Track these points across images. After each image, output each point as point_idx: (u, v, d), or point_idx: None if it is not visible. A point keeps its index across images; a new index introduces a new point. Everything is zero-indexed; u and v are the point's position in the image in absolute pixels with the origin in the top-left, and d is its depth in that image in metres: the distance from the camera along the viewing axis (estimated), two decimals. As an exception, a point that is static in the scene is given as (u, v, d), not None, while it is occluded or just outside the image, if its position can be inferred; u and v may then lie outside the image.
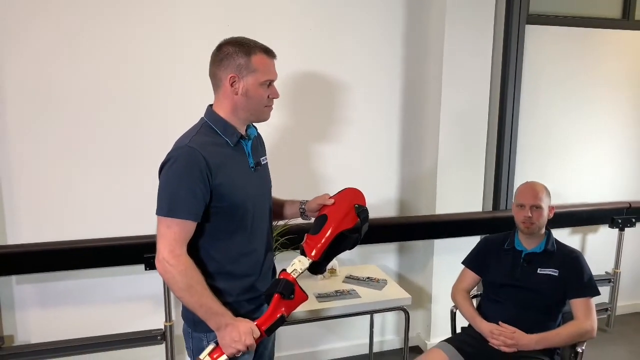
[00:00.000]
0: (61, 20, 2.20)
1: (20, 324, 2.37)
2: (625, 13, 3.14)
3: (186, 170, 1.34)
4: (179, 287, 1.34)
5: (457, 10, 2.58)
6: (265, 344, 1.65)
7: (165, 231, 1.34)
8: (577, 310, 1.93)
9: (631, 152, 3.31)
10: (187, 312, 1.47)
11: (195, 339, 1.48)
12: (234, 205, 1.42)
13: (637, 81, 3.23)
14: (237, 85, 1.41)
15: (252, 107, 1.44)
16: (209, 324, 1.38)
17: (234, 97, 1.42)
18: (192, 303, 1.36)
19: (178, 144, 1.42)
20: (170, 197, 1.35)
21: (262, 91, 1.43)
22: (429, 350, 1.98)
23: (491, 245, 2.16)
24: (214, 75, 1.45)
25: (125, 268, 2.44)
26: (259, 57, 1.41)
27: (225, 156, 1.42)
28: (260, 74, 1.41)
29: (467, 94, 2.71)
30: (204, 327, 1.41)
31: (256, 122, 1.53)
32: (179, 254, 1.33)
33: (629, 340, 3.15)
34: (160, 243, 1.35)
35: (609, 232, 3.26)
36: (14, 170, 2.25)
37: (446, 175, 2.75)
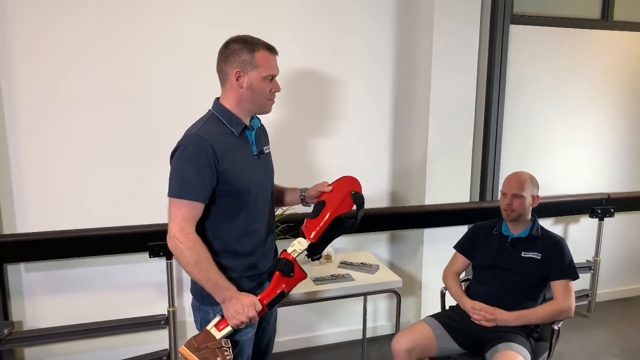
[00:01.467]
0: (71, 19, 2.30)
1: (28, 310, 2.46)
2: (605, 14, 3.30)
3: (195, 157, 1.46)
4: (188, 262, 1.47)
5: (445, 10, 2.71)
6: (267, 319, 1.78)
7: (176, 211, 1.47)
8: (557, 291, 2.07)
9: (610, 146, 3.47)
10: (195, 287, 1.60)
11: (202, 312, 1.61)
12: (237, 190, 1.55)
13: (616, 79, 3.39)
14: (242, 80, 1.53)
15: (256, 100, 1.57)
16: (215, 297, 1.50)
17: (239, 91, 1.55)
18: (199, 277, 1.48)
19: (188, 133, 1.54)
20: (181, 181, 1.47)
21: (265, 85, 1.56)
22: (415, 323, 2.12)
23: (480, 231, 2.30)
24: (220, 70, 1.57)
25: (130, 256, 2.54)
26: (262, 54, 1.54)
27: (230, 144, 1.54)
28: (263, 69, 1.53)
29: (454, 90, 2.83)
30: (210, 300, 1.54)
31: (259, 114, 1.66)
32: (188, 232, 1.46)
33: (609, 324, 3.31)
34: (171, 222, 1.47)
35: (589, 221, 3.43)
36: (23, 163, 2.35)
37: (435, 168, 2.88)
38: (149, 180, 2.51)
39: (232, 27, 2.49)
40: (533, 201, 2.18)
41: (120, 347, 2.61)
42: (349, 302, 2.98)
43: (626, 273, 3.72)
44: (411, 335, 2.00)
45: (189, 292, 2.64)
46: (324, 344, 3.01)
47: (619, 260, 3.68)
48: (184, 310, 2.72)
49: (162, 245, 2.42)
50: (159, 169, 2.50)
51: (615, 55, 3.36)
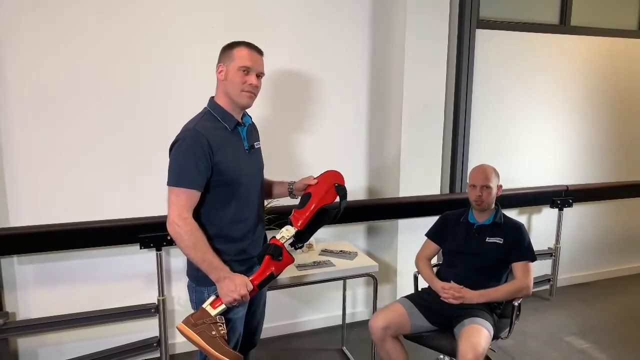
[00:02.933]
0: (65, 16, 2.40)
1: (21, 302, 2.55)
2: (562, 19, 3.57)
3: (192, 149, 1.61)
4: (186, 244, 1.61)
5: (416, 15, 2.91)
6: (257, 303, 1.93)
7: (174, 199, 1.61)
8: (517, 271, 2.29)
9: (568, 142, 3.75)
10: (191, 269, 1.74)
11: (197, 292, 1.75)
12: (229, 180, 1.70)
13: (573, 80, 3.67)
14: (223, 73, 1.71)
15: (231, 90, 1.70)
16: (211, 276, 1.64)
17: (222, 83, 1.72)
18: (196, 258, 1.63)
19: (186, 127, 1.70)
20: (179, 171, 1.62)
21: (239, 76, 1.69)
22: (391, 303, 2.31)
23: (449, 220, 2.50)
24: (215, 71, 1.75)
25: (121, 248, 2.65)
26: (240, 49, 1.70)
27: (224, 139, 1.70)
28: (237, 60, 1.69)
29: (425, 90, 3.04)
30: (205, 282, 1.69)
31: (239, 107, 1.74)
32: (186, 217, 1.60)
33: (568, 306, 3.59)
34: (170, 209, 1.61)
35: (551, 212, 3.70)
36: (16, 159, 2.43)
37: (408, 162, 3.08)
38: (140, 176, 2.63)
39: (216, 30, 2.66)
40: (497, 190, 2.38)
41: (111, 336, 2.71)
42: (329, 290, 3.16)
43: (585, 260, 4.01)
44: (386, 314, 2.19)
45: (177, 282, 2.81)
46: (306, 330, 3.18)
47: (578, 248, 3.97)
48: (172, 300, 2.84)
49: (152, 237, 2.56)
50: (149, 165, 2.65)
51: (573, 58, 3.63)
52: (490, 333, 2.07)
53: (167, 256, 2.78)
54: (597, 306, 3.58)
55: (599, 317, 3.41)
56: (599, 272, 4.08)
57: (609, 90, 3.80)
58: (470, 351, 1.93)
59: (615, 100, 3.84)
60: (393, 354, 2.16)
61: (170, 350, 2.85)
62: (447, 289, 2.23)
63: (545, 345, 3.01)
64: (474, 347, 1.94)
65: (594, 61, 3.71)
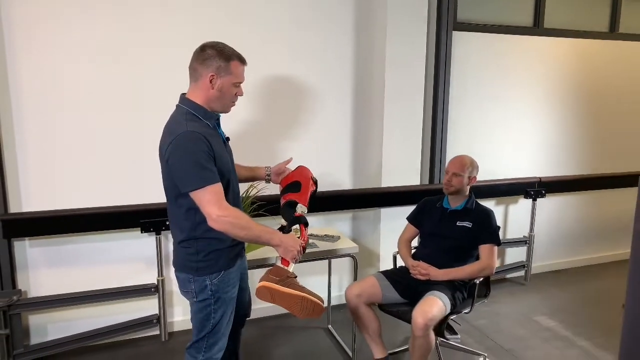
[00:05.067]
0: (72, 22, 2.63)
1: (32, 281, 2.78)
2: (536, 22, 3.81)
3: (197, 148, 1.66)
4: (239, 229, 1.69)
5: (396, 18, 3.13)
6: (245, 278, 2.12)
7: (208, 197, 1.65)
8: (482, 252, 2.52)
9: (542, 137, 4.00)
10: (188, 262, 1.80)
11: (197, 282, 1.80)
12: (222, 172, 1.75)
13: (546, 79, 3.91)
14: (215, 83, 1.75)
15: (223, 101, 1.80)
16: (273, 242, 1.79)
17: (210, 92, 1.76)
18: (252, 236, 1.75)
19: (176, 131, 1.69)
20: (196, 172, 1.65)
21: (233, 90, 1.80)
22: (366, 277, 2.56)
23: (427, 204, 2.74)
24: (195, 69, 1.77)
25: (123, 233, 2.88)
26: (235, 63, 1.78)
27: (211, 136, 1.74)
28: (234, 76, 1.77)
29: (405, 89, 3.26)
30: (206, 271, 1.79)
31: (221, 112, 1.86)
32: (226, 207, 1.67)
33: (541, 290, 3.84)
34: (207, 208, 1.65)
35: (526, 202, 3.94)
36: (28, 149, 2.66)
37: (390, 155, 3.31)
38: (141, 164, 2.86)
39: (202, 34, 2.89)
40: (470, 181, 2.61)
41: (115, 314, 2.95)
42: (315, 274, 3.39)
43: (559, 248, 4.26)
44: (361, 284, 2.46)
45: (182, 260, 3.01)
46: (295, 311, 3.42)
47: (552, 237, 4.21)
48: (171, 282, 3.08)
49: (152, 222, 2.80)
50: (149, 154, 2.87)
51: (546, 58, 3.88)
52: (445, 304, 2.31)
53: (166, 240, 3.02)
54: (568, 290, 3.83)
55: (568, 300, 3.66)
56: (572, 260, 4.33)
57: (581, 89, 4.05)
58: (420, 316, 2.18)
59: (586, 98, 4.08)
60: (365, 320, 2.42)
61: (169, 328, 3.09)
62: (415, 266, 2.47)
63: (516, 324, 3.26)
64: (424, 312, 2.19)
65: (566, 61, 3.95)
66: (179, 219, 1.80)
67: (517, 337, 3.09)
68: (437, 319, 2.25)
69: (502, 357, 2.85)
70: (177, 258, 1.87)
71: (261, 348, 2.94)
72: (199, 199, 1.67)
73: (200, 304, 1.83)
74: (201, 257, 1.79)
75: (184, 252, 1.82)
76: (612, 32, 4.08)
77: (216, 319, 1.84)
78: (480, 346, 2.95)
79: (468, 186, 2.62)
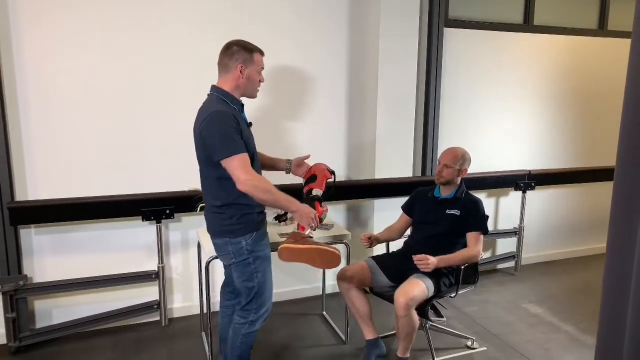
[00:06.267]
0: (73, 20, 2.74)
1: (37, 267, 2.88)
2: (526, 19, 3.92)
3: (226, 123, 1.94)
4: (262, 192, 1.95)
5: (389, 14, 3.24)
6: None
7: (236, 164, 1.92)
8: (469, 240, 2.61)
9: (531, 130, 4.11)
10: (223, 226, 2.05)
11: (234, 244, 2.06)
12: (247, 149, 2.00)
13: (536, 75, 4.02)
14: (244, 72, 2.07)
15: (250, 87, 2.12)
16: (291, 208, 2.05)
17: (240, 80, 2.08)
18: (273, 200, 1.98)
19: (209, 109, 1.98)
20: (228, 143, 1.92)
21: (257, 76, 2.12)
22: (357, 262, 2.67)
23: (420, 194, 2.84)
24: (225, 64, 2.07)
25: (125, 222, 2.99)
26: (257, 54, 2.11)
27: (238, 117, 2.03)
28: (257, 65, 2.11)
29: (398, 84, 3.37)
30: (241, 232, 2.05)
31: (250, 97, 2.17)
32: (252, 172, 1.95)
33: (530, 280, 3.95)
34: (236, 172, 1.92)
35: (517, 195, 4.05)
36: (34, 140, 2.77)
37: (383, 148, 3.42)
38: (142, 155, 2.97)
39: (214, 31, 2.99)
40: (460, 173, 2.69)
41: (116, 300, 3.06)
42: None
43: (549, 240, 4.38)
44: (352, 267, 2.58)
45: (175, 253, 3.15)
46: (292, 298, 3.53)
47: (542, 229, 4.33)
48: (171, 269, 3.19)
49: (153, 210, 2.90)
50: (150, 145, 2.98)
51: (536, 54, 3.98)
52: (428, 287, 2.42)
53: (166, 229, 3.12)
54: (556, 280, 3.95)
55: (556, 289, 3.77)
56: (562, 252, 4.45)
57: (570, 84, 4.16)
58: (401, 295, 2.31)
59: (575, 93, 4.19)
60: (356, 302, 2.53)
61: (169, 314, 3.20)
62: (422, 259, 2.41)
63: (504, 311, 3.38)
64: (406, 292, 2.31)
65: (555, 57, 4.06)
66: (213, 188, 2.05)
67: (505, 322, 3.20)
68: (418, 299, 2.35)
69: (490, 340, 2.97)
70: (212, 225, 2.11)
71: (258, 333, 3.04)
72: (229, 165, 1.93)
73: (240, 265, 2.09)
74: (234, 220, 2.04)
75: (218, 218, 2.07)
76: (601, 29, 4.19)
77: (259, 278, 2.12)
78: (469, 331, 3.07)
79: (459, 177, 2.71)
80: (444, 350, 2.85)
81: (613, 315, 1.59)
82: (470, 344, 2.89)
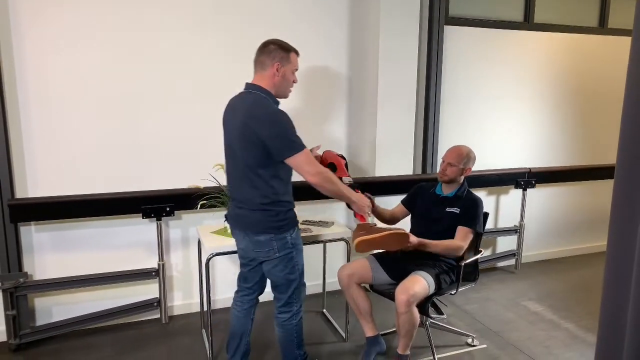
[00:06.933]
0: (70, 20, 2.74)
1: (38, 265, 2.88)
2: (526, 17, 3.92)
3: (288, 122, 2.02)
4: (330, 183, 2.08)
5: (389, 12, 3.24)
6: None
7: (305, 159, 2.02)
8: (459, 233, 2.56)
9: (532, 128, 4.11)
10: (268, 223, 2.10)
11: (280, 239, 2.13)
12: None
13: (536, 73, 4.02)
14: (280, 71, 2.10)
15: (284, 86, 2.16)
16: (352, 197, 2.23)
17: (275, 78, 2.11)
18: (337, 190, 2.13)
19: (266, 109, 2.03)
20: (294, 140, 2.01)
21: (291, 76, 2.16)
22: (358, 259, 2.67)
23: (422, 189, 2.83)
24: (262, 62, 2.11)
25: (125, 220, 2.99)
26: (293, 54, 2.16)
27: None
28: (292, 64, 2.15)
29: (398, 82, 3.37)
30: (286, 227, 2.13)
31: (282, 97, 2.19)
32: (318, 165, 2.09)
33: (530, 278, 3.95)
34: (307, 167, 2.02)
35: (517, 193, 4.05)
36: (34, 138, 2.76)
37: (383, 145, 3.42)
38: (142, 153, 2.97)
39: (218, 30, 2.99)
40: (464, 171, 2.68)
41: (116, 298, 3.06)
42: (312, 260, 3.49)
43: (549, 238, 4.38)
44: (352, 265, 2.58)
45: (175, 251, 3.14)
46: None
47: (543, 227, 4.33)
48: (171, 267, 3.18)
49: (153, 208, 2.90)
50: (150, 143, 2.98)
51: (536, 52, 3.98)
52: (429, 284, 2.41)
53: (167, 227, 3.12)
54: (556, 278, 3.95)
55: (556, 287, 3.77)
56: (562, 250, 4.45)
57: (570, 82, 4.15)
58: (403, 292, 2.30)
59: (576, 91, 4.19)
60: (357, 299, 2.53)
61: (169, 312, 3.20)
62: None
63: (504, 308, 3.38)
64: (407, 289, 2.31)
65: (556, 55, 4.06)
66: (264, 187, 2.07)
67: (505, 320, 3.20)
68: (420, 297, 2.35)
69: (490, 338, 2.97)
70: (257, 223, 2.12)
71: (259, 330, 3.05)
72: (297, 162, 2.02)
73: (283, 260, 2.16)
74: (281, 217, 2.11)
75: (264, 215, 2.10)
76: (602, 27, 4.18)
77: (299, 266, 2.22)
78: (470, 328, 3.07)
79: (462, 176, 2.70)
80: (445, 347, 2.85)
81: (613, 315, 1.58)
82: (470, 342, 2.89)
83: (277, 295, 2.26)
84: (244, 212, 2.15)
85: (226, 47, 3.05)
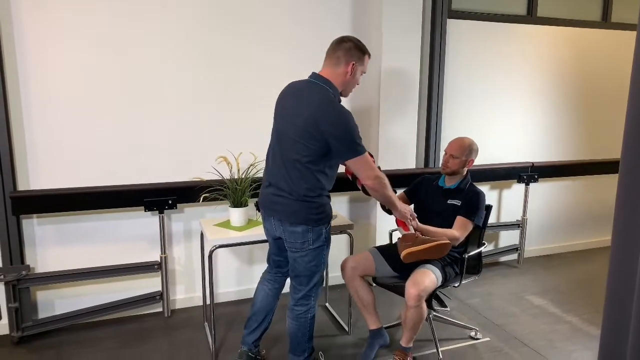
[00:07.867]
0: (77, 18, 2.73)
1: (40, 258, 2.88)
2: (529, 10, 3.90)
3: (354, 125, 2.03)
4: (385, 188, 2.13)
5: (392, 6, 3.22)
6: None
7: (366, 162, 2.07)
8: (457, 223, 2.53)
9: (534, 122, 4.09)
10: (308, 215, 2.10)
11: (315, 231, 2.13)
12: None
13: (539, 66, 4.00)
14: (354, 70, 2.11)
15: (350, 86, 2.17)
16: (398, 206, 2.25)
17: (347, 77, 2.11)
18: (388, 197, 2.18)
19: (335, 106, 2.02)
20: (358, 142, 2.03)
21: (359, 78, 2.18)
22: (362, 252, 2.66)
23: (425, 180, 2.81)
24: (338, 57, 2.10)
25: (128, 213, 2.99)
26: (367, 57, 2.17)
27: None
28: (364, 67, 2.17)
29: (401, 76, 3.36)
30: (322, 222, 2.14)
31: (343, 96, 2.19)
32: (377, 169, 2.14)
33: (533, 272, 3.95)
34: (368, 171, 2.08)
35: (519, 187, 4.04)
36: (36, 130, 2.75)
37: (386, 140, 3.41)
38: (144, 146, 2.96)
39: (216, 28, 2.98)
40: (467, 163, 2.66)
41: (118, 291, 3.05)
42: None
43: (552, 233, 4.37)
44: (355, 257, 2.58)
45: (177, 244, 3.13)
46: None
47: (546, 222, 4.32)
48: (173, 260, 3.18)
49: (155, 201, 2.89)
50: (152, 137, 2.97)
51: (539, 46, 3.97)
52: (437, 277, 2.41)
53: (169, 220, 3.12)
54: (559, 272, 3.94)
55: (559, 281, 3.77)
56: (564, 245, 4.44)
57: (573, 76, 4.14)
58: (413, 286, 2.29)
59: (578, 85, 4.18)
60: (360, 292, 2.52)
61: (171, 305, 3.19)
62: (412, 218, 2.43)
63: (507, 303, 3.37)
64: (417, 283, 2.30)
65: (559, 49, 4.04)
66: (311, 179, 2.07)
67: (508, 313, 3.19)
68: (429, 290, 2.35)
69: (493, 331, 2.96)
70: (298, 213, 2.10)
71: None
72: (359, 165, 2.06)
73: (315, 251, 2.16)
74: (320, 210, 2.12)
75: (306, 207, 2.09)
76: (605, 21, 4.16)
77: (325, 260, 2.24)
78: (473, 322, 3.06)
79: (465, 168, 2.69)
80: (448, 340, 2.84)
81: (617, 312, 1.57)
82: (473, 335, 2.89)
83: (297, 286, 2.24)
84: (283, 201, 2.12)
85: (227, 45, 3.02)
